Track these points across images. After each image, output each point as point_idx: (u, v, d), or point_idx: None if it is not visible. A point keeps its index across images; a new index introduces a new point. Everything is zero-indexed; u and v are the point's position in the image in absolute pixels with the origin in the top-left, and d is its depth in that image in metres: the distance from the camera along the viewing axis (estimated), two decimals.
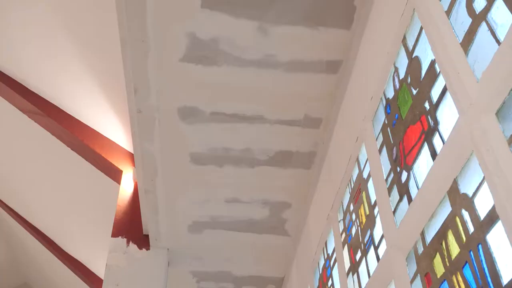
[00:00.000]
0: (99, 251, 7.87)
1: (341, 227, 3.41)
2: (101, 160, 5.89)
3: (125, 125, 5.68)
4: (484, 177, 1.63)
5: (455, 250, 1.80)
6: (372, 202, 2.78)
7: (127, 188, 5.60)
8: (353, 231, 3.12)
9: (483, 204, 1.66)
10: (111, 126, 5.90)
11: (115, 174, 5.86)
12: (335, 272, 3.51)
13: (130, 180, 5.65)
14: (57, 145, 6.67)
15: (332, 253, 3.63)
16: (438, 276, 1.92)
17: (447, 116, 1.96)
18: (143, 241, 5.10)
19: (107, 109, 5.78)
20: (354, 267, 3.06)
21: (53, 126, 6.10)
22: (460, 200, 1.78)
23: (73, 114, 6.06)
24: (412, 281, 2.16)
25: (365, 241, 2.86)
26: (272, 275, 5.59)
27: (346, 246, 3.26)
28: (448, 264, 1.85)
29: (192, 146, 4.04)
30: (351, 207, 3.20)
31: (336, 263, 3.45)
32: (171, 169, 4.24)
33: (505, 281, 1.49)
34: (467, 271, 1.71)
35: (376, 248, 2.68)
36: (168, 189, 4.43)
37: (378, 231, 2.67)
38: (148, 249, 5.04)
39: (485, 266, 1.60)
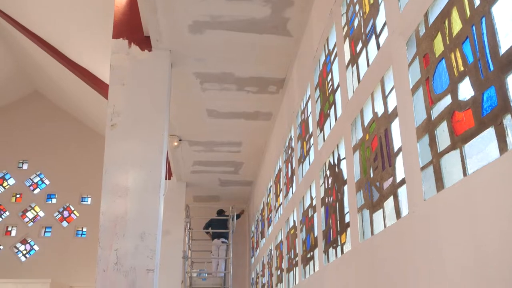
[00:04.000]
0: (102, 56, 7.92)
1: (344, 20, 3.33)
2: None
3: None
4: None
5: (457, 26, 1.78)
6: None
7: None
8: (355, 22, 3.06)
9: None
10: None
11: None
12: (335, 66, 3.55)
13: None
14: None
15: (333, 48, 3.62)
16: (437, 55, 1.93)
17: None
18: (145, 43, 5.05)
19: None
20: (354, 59, 3.08)
21: None
22: None
23: None
24: (410, 64, 2.18)
25: (367, 31, 2.83)
26: (274, 76, 5.68)
27: (347, 39, 3.24)
28: (448, 42, 1.84)
29: None
30: None
31: (337, 58, 3.46)
32: None
33: (503, 50, 1.50)
34: (467, 46, 1.71)
35: (377, 37, 2.65)
36: None
37: (381, 19, 2.61)
38: (150, 50, 5.02)
39: (485, 38, 1.59)
